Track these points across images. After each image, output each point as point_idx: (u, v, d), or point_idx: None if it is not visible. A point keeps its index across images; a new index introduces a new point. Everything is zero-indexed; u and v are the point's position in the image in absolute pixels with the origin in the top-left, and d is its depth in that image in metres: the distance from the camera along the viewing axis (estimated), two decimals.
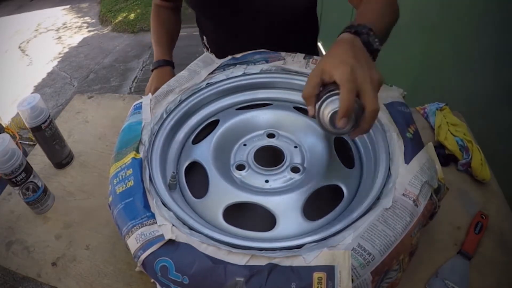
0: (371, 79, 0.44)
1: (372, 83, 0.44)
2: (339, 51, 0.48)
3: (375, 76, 0.45)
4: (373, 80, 0.45)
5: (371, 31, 0.51)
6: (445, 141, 0.74)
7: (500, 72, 0.99)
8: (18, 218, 0.70)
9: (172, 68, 0.91)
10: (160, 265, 0.43)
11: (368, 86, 0.44)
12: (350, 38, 0.49)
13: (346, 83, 0.44)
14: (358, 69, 0.44)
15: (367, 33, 0.50)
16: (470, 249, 0.57)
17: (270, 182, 0.58)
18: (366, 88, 0.44)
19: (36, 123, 0.71)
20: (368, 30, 0.51)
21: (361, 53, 0.48)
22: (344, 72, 0.44)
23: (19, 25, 4.22)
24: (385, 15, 0.59)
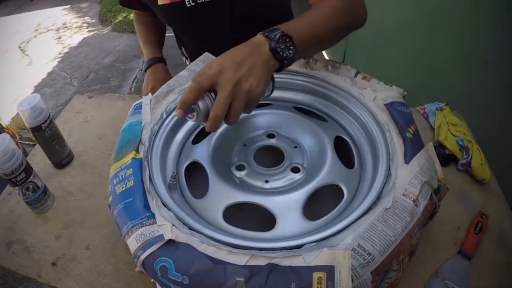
0: (235, 86, 0.44)
1: (233, 89, 0.44)
2: (234, 51, 0.48)
3: (244, 86, 0.45)
4: (239, 88, 0.45)
5: (287, 38, 0.48)
6: (445, 141, 0.74)
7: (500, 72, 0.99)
8: (18, 218, 0.70)
9: (164, 64, 0.92)
10: (160, 265, 0.43)
11: (223, 91, 0.44)
12: (258, 41, 0.48)
13: (197, 77, 0.45)
14: (227, 73, 0.45)
15: (277, 39, 0.48)
16: (470, 249, 0.57)
17: (270, 182, 0.58)
18: (220, 92, 0.44)
19: (36, 123, 0.71)
20: (282, 36, 0.48)
21: (254, 59, 0.47)
22: (211, 71, 0.45)
23: (19, 25, 4.21)
24: (327, 19, 0.55)
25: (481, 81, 1.07)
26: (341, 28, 0.57)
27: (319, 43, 0.56)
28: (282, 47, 0.48)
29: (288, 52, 0.49)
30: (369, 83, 0.63)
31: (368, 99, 0.61)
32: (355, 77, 0.64)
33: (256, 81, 0.46)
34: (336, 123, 0.66)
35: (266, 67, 0.47)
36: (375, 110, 0.59)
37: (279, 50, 0.48)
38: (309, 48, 0.53)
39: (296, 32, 0.50)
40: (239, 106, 0.46)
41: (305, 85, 0.69)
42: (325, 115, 0.67)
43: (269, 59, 0.48)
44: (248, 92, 0.46)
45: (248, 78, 0.46)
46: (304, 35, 0.52)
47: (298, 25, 0.52)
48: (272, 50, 0.48)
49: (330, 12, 0.56)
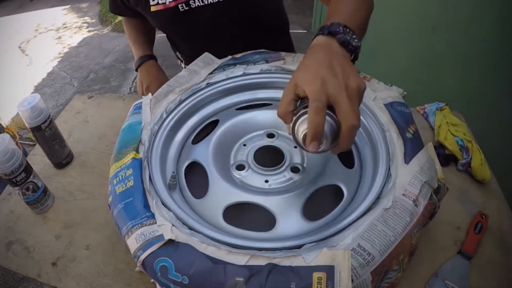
0: (346, 89, 0.40)
1: (348, 93, 0.40)
2: (312, 61, 0.45)
3: (352, 83, 0.41)
4: (350, 90, 0.41)
5: (347, 28, 0.47)
6: (445, 141, 0.74)
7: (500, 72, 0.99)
8: (18, 218, 0.70)
9: (155, 61, 0.92)
10: (160, 265, 0.43)
11: (343, 99, 0.40)
12: (325, 42, 0.46)
13: (313, 102, 0.40)
14: (331, 81, 0.41)
15: (343, 31, 0.46)
16: (470, 249, 0.57)
17: (270, 182, 0.58)
18: (340, 101, 0.40)
19: (36, 123, 0.71)
20: (343, 28, 0.46)
21: (337, 59, 0.44)
22: (314, 88, 0.41)
23: (19, 25, 4.21)
24: (358, 9, 0.54)
25: (481, 81, 1.07)
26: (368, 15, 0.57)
27: (365, 27, 0.55)
28: (348, 38, 0.46)
29: (354, 41, 0.47)
30: (369, 83, 0.63)
31: (368, 99, 0.61)
32: None
33: (355, 76, 0.42)
34: None
35: (348, 61, 0.45)
36: (375, 110, 0.59)
37: (349, 40, 0.46)
38: (361, 34, 0.52)
39: (348, 20, 0.49)
40: (357, 106, 0.41)
41: None
42: None
43: (345, 53, 0.46)
44: (358, 89, 0.41)
45: (349, 77, 0.42)
46: (356, 22, 0.50)
47: (345, 14, 0.51)
48: (343, 44, 0.46)
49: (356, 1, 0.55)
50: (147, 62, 0.90)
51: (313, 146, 0.40)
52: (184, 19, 0.82)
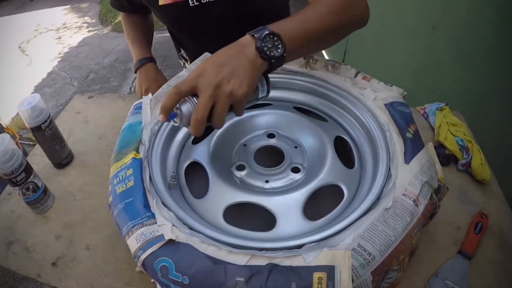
0: (215, 89, 0.43)
1: (214, 93, 0.43)
2: (217, 54, 0.48)
3: (226, 88, 0.44)
4: (220, 91, 0.43)
5: (274, 36, 0.47)
6: (445, 141, 0.74)
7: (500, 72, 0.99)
8: (18, 218, 0.70)
9: (154, 63, 0.91)
10: (160, 265, 0.43)
11: (203, 95, 0.43)
12: (244, 41, 0.48)
13: (173, 87, 0.45)
14: (207, 75, 0.44)
15: (263, 38, 0.46)
16: (470, 249, 0.57)
17: (270, 182, 0.58)
18: (200, 96, 0.44)
19: (36, 123, 0.70)
20: (268, 35, 0.47)
21: (238, 60, 0.45)
22: (190, 75, 0.45)
23: (19, 25, 4.21)
24: (320, 18, 0.53)
25: (481, 81, 1.07)
26: (337, 26, 0.54)
27: (313, 41, 0.53)
28: (269, 45, 0.46)
29: (276, 51, 0.47)
30: (369, 83, 0.63)
31: (368, 99, 0.61)
32: (355, 77, 0.64)
33: (239, 83, 0.44)
34: (336, 123, 0.66)
35: (251, 67, 0.46)
36: (375, 110, 0.59)
37: (265, 49, 0.46)
38: (301, 46, 0.51)
39: (286, 30, 0.48)
40: (221, 109, 0.45)
41: (305, 85, 0.69)
42: (325, 115, 0.67)
43: (256, 59, 0.46)
44: (231, 94, 0.44)
45: (230, 80, 0.44)
46: (295, 33, 0.50)
47: (288, 23, 0.51)
48: (258, 50, 0.46)
49: (324, 9, 0.54)
50: (146, 64, 0.90)
51: (161, 118, 0.46)
52: (193, 14, 0.81)
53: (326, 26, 0.53)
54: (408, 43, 1.44)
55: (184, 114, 0.46)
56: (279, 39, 0.47)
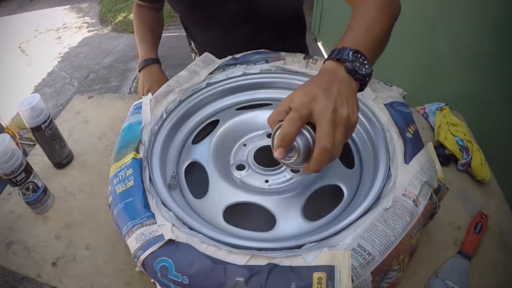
0: (334, 112, 0.40)
1: (333, 116, 0.39)
2: (314, 81, 0.45)
3: (343, 111, 0.40)
4: (337, 115, 0.40)
5: (358, 53, 0.45)
6: (445, 141, 0.74)
7: (500, 72, 0.99)
8: (18, 218, 0.70)
9: (159, 65, 0.91)
10: (160, 265, 0.43)
11: (325, 120, 0.39)
12: (332, 67, 0.45)
13: (291, 111, 0.40)
14: (320, 100, 0.40)
15: (351, 59, 0.44)
16: (470, 249, 0.57)
17: (270, 182, 0.58)
18: (322, 122, 0.39)
19: (36, 123, 0.70)
20: (353, 54, 0.45)
21: (338, 84, 0.43)
22: (300, 101, 0.41)
23: (19, 25, 4.21)
24: (377, 21, 0.53)
25: (481, 81, 1.07)
26: (390, 23, 0.55)
27: (380, 46, 0.53)
28: (358, 65, 0.45)
29: (365, 68, 0.45)
30: (369, 83, 0.63)
31: (368, 99, 0.61)
32: None
33: (351, 107, 0.42)
34: None
35: (351, 91, 0.44)
36: (375, 110, 0.59)
37: (357, 69, 0.44)
38: (375, 55, 0.51)
39: (360, 43, 0.47)
40: (341, 136, 0.40)
41: None
42: None
43: (350, 82, 0.44)
44: (348, 119, 0.41)
45: (343, 104, 0.41)
46: (368, 44, 0.49)
47: (356, 36, 0.50)
48: (350, 72, 0.44)
49: (374, 11, 0.53)
50: (151, 66, 0.89)
51: (279, 152, 0.40)
52: (206, 6, 0.81)
53: (384, 27, 0.53)
54: (408, 43, 1.44)
55: (302, 147, 0.40)
56: (362, 55, 0.46)
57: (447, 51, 1.23)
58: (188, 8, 0.84)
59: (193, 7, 0.83)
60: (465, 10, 1.11)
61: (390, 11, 0.55)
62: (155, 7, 0.95)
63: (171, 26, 3.40)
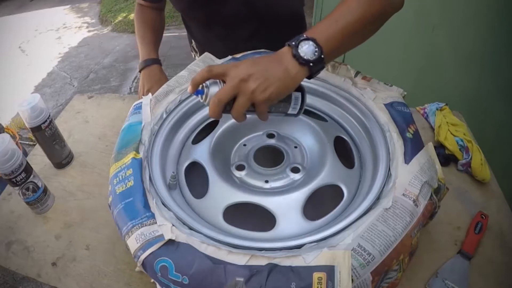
0: (240, 82, 0.45)
1: (237, 84, 0.45)
2: (259, 56, 0.50)
3: (250, 85, 0.45)
4: (242, 85, 0.45)
5: (309, 40, 0.47)
6: (445, 141, 0.74)
7: (500, 72, 0.99)
8: (18, 218, 0.70)
9: (159, 65, 0.91)
10: (160, 265, 0.43)
11: (228, 83, 0.45)
12: (282, 51, 0.49)
13: (216, 65, 0.48)
14: (238, 68, 0.46)
15: (297, 44, 0.47)
16: (470, 249, 0.57)
17: (270, 182, 0.58)
18: (228, 82, 0.46)
19: (36, 123, 0.71)
20: (302, 41, 0.47)
21: (273, 64, 0.47)
22: (228, 64, 0.48)
23: (19, 25, 4.21)
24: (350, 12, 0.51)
25: (481, 81, 1.07)
26: (371, 15, 0.53)
27: (350, 37, 0.52)
28: (306, 51, 0.47)
29: (313, 55, 0.47)
30: (369, 83, 0.63)
31: (368, 99, 0.61)
32: (355, 77, 0.64)
33: (264, 85, 0.45)
34: (336, 123, 0.66)
35: (285, 76, 0.47)
36: (375, 110, 0.59)
37: (302, 54, 0.47)
38: (339, 45, 0.51)
39: (320, 32, 0.49)
40: (241, 102, 0.46)
41: (305, 85, 0.68)
42: (325, 115, 0.67)
43: (292, 67, 0.47)
44: (252, 92, 0.45)
45: (258, 79, 0.45)
46: (330, 33, 0.49)
47: (321, 25, 0.51)
48: (295, 56, 0.47)
49: (353, 3, 0.52)
50: (152, 66, 0.89)
51: (189, 88, 0.49)
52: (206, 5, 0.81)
53: (360, 18, 0.52)
54: (408, 43, 1.44)
55: (210, 94, 0.48)
56: (314, 42, 0.47)
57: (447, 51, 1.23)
58: (188, 6, 0.84)
59: (193, 5, 0.83)
60: (465, 10, 1.11)
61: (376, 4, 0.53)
62: (157, 7, 0.95)
63: (171, 26, 3.40)
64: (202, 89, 0.49)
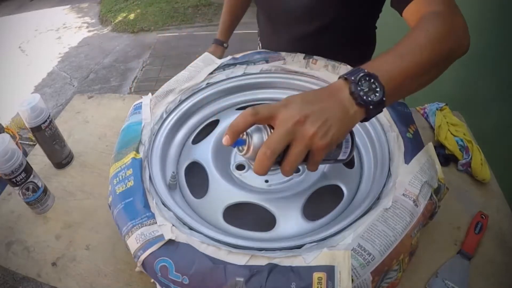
0: (295, 125, 0.37)
1: (292, 129, 0.37)
2: (310, 91, 0.42)
3: (308, 129, 0.37)
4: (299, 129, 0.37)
5: (371, 78, 0.40)
6: (445, 141, 0.74)
7: (500, 72, 0.99)
8: (18, 218, 0.70)
9: (221, 47, 0.99)
10: (160, 265, 0.43)
11: (280, 127, 0.37)
12: (337, 85, 0.41)
13: (260, 106, 0.39)
14: (291, 109, 0.38)
15: (358, 81, 0.40)
16: (470, 249, 0.57)
17: (270, 182, 0.58)
18: (276, 128, 0.38)
19: (36, 123, 0.70)
20: (364, 77, 0.40)
21: (329, 102, 0.39)
22: (276, 104, 0.39)
23: (19, 25, 4.21)
24: (419, 50, 0.45)
25: (481, 81, 1.07)
26: (439, 56, 0.46)
27: (414, 78, 0.44)
28: (366, 89, 0.40)
29: (374, 95, 0.40)
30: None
31: None
32: None
33: (325, 128, 0.37)
34: None
35: (343, 115, 0.39)
36: None
37: (362, 93, 0.39)
38: (402, 86, 0.43)
39: (383, 69, 0.42)
40: (298, 151, 0.38)
41: (305, 85, 0.69)
42: None
43: (350, 106, 0.39)
44: (312, 138, 0.37)
45: (316, 121, 0.37)
46: (394, 71, 0.42)
47: (384, 60, 0.44)
48: (353, 95, 0.39)
49: (423, 39, 0.45)
50: (213, 44, 0.98)
51: (225, 139, 0.39)
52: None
53: (428, 58, 0.45)
54: None
55: (254, 143, 0.40)
56: (376, 81, 0.40)
57: None
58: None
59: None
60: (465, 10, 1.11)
61: (444, 41, 0.46)
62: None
63: (171, 26, 3.40)
64: (241, 138, 0.40)
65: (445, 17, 0.46)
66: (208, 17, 3.60)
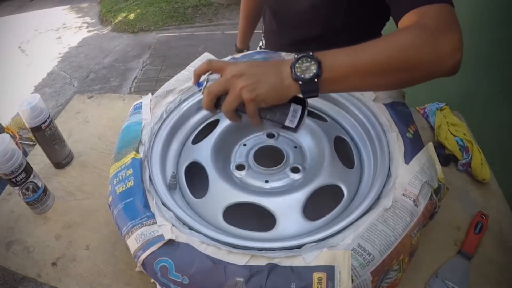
0: (232, 78, 0.47)
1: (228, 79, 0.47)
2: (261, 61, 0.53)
3: (239, 82, 0.46)
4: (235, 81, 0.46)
5: (312, 60, 0.44)
6: (445, 141, 0.74)
7: (500, 72, 0.99)
8: (18, 218, 0.70)
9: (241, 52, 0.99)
10: (160, 265, 0.43)
11: (224, 76, 0.48)
12: (286, 61, 0.47)
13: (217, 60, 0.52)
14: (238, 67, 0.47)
15: (299, 58, 0.45)
16: (470, 249, 0.57)
17: (270, 182, 0.58)
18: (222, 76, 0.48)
19: (36, 123, 0.70)
20: (306, 57, 0.45)
21: (269, 69, 0.47)
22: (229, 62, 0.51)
23: (19, 25, 4.21)
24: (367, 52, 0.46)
25: (481, 81, 1.07)
26: (398, 63, 0.45)
27: (359, 76, 0.46)
28: (303, 68, 0.45)
29: (308, 74, 0.44)
30: None
31: (368, 99, 0.61)
32: None
33: (254, 86, 0.46)
34: (336, 123, 0.66)
35: (277, 83, 0.46)
36: (375, 110, 0.59)
37: (297, 70, 0.45)
38: (343, 77, 0.46)
39: (330, 57, 0.45)
40: (230, 98, 0.47)
41: None
42: (325, 115, 0.67)
43: (286, 78, 0.46)
44: (241, 90, 0.46)
45: (249, 79, 0.46)
46: (338, 61, 0.45)
47: (338, 51, 0.46)
48: (291, 69, 0.45)
49: (386, 42, 0.46)
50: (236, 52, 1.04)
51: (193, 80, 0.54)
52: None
53: (385, 60, 0.45)
54: None
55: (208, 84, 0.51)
56: (316, 63, 0.44)
57: None
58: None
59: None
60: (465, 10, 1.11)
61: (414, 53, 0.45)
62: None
63: (171, 26, 3.40)
64: (202, 81, 0.52)
65: (428, 30, 0.45)
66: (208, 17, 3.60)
